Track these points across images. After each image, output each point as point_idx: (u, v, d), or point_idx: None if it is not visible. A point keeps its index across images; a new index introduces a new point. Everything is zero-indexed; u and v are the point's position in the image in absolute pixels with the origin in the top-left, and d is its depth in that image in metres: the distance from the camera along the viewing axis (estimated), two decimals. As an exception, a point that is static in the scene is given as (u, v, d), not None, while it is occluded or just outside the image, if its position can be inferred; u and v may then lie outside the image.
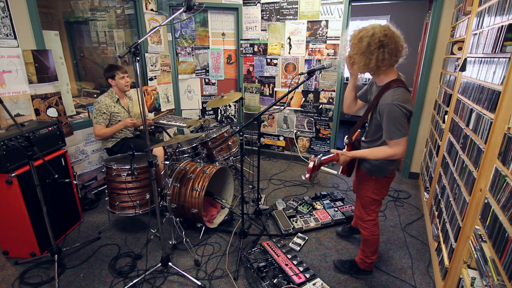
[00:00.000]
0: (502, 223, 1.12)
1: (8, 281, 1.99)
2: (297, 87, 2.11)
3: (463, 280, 1.44)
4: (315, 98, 3.89)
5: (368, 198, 1.83)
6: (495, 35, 1.49)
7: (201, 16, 4.01)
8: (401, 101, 1.48)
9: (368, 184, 1.81)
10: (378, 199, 1.83)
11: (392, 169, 1.75)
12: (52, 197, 2.24)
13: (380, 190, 1.80)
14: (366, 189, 1.82)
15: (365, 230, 1.91)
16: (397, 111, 1.47)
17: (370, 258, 1.99)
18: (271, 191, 3.32)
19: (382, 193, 1.81)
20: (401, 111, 1.47)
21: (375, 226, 1.89)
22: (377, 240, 1.93)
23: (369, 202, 1.84)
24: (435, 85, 3.26)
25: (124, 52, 1.55)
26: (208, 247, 2.35)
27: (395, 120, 1.48)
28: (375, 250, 1.97)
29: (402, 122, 1.48)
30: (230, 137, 2.96)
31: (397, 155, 1.54)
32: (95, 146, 3.09)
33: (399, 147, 1.52)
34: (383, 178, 1.76)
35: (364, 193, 1.84)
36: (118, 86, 2.70)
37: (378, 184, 1.78)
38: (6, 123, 2.24)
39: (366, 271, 2.06)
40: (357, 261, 2.06)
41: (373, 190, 1.79)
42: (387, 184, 1.81)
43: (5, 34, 2.21)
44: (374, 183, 1.78)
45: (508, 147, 1.18)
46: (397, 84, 1.54)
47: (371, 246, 1.94)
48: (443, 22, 3.10)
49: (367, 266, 2.04)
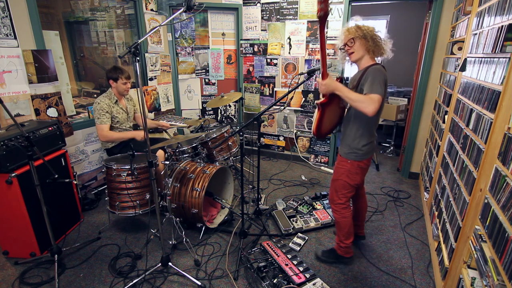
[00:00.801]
0: (502, 223, 1.12)
1: (8, 281, 1.99)
2: (297, 87, 2.11)
3: (463, 280, 1.44)
4: (315, 98, 3.89)
5: (341, 181, 1.97)
6: (495, 35, 1.49)
7: (201, 16, 4.02)
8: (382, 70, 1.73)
9: (344, 168, 1.95)
10: (351, 184, 1.95)
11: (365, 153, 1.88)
12: (52, 197, 2.24)
13: (354, 175, 1.93)
14: (341, 172, 1.96)
15: (336, 213, 2.05)
16: (379, 74, 1.70)
17: (344, 242, 2.08)
18: (271, 191, 3.32)
19: (355, 179, 1.94)
20: (382, 75, 1.70)
21: (344, 210, 2.02)
22: (348, 223, 2.03)
23: (342, 185, 1.97)
24: (435, 85, 3.26)
25: (124, 52, 1.55)
26: (208, 247, 2.35)
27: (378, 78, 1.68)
28: (348, 234, 2.06)
29: (381, 83, 1.68)
30: (230, 137, 2.96)
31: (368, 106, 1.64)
32: (95, 146, 3.09)
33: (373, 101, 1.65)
34: (357, 164, 1.90)
35: (339, 176, 1.98)
36: (119, 89, 2.70)
37: (352, 168, 1.91)
38: (6, 123, 2.24)
39: (345, 257, 2.15)
40: (335, 247, 2.17)
41: (347, 174, 1.93)
42: (361, 172, 1.94)
43: (5, 34, 2.21)
44: (349, 167, 1.92)
45: (508, 147, 1.18)
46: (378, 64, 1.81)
47: (342, 229, 2.06)
48: (443, 22, 3.10)
49: (344, 251, 2.12)
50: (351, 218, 2.04)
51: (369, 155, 1.92)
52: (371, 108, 1.61)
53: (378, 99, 1.63)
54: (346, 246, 2.09)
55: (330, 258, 2.19)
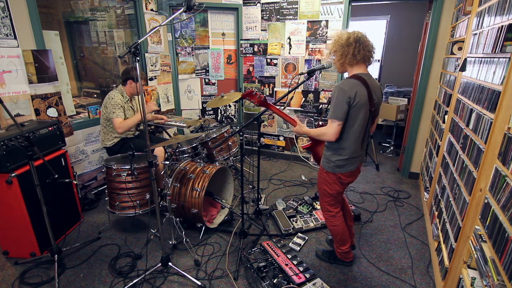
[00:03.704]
0: (502, 223, 1.12)
1: (8, 281, 1.99)
2: (297, 87, 2.12)
3: (463, 280, 1.44)
4: (315, 98, 3.89)
5: (322, 190, 1.99)
6: (495, 35, 1.49)
7: (201, 16, 4.02)
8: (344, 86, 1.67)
9: (321, 177, 1.97)
10: (331, 193, 1.95)
11: (338, 167, 1.84)
12: (52, 197, 2.24)
13: (332, 185, 1.92)
14: (320, 181, 1.98)
15: (326, 220, 2.07)
16: (339, 95, 1.67)
17: (339, 248, 2.10)
18: (271, 191, 3.32)
19: (334, 188, 1.92)
20: (342, 95, 1.66)
21: (333, 218, 2.02)
22: (339, 231, 2.03)
23: (324, 194, 1.99)
24: (435, 85, 3.26)
25: (124, 52, 1.55)
26: (208, 247, 2.35)
27: (336, 102, 1.69)
28: (341, 241, 2.07)
29: (340, 105, 1.66)
30: (230, 137, 2.96)
31: (325, 134, 1.73)
32: (95, 146, 3.09)
33: (329, 128, 1.71)
34: (333, 174, 1.88)
35: (319, 184, 2.01)
36: (133, 91, 2.73)
37: (329, 178, 1.91)
38: (6, 123, 2.24)
39: (343, 261, 2.15)
40: (335, 250, 2.18)
41: (325, 183, 1.94)
42: (339, 182, 1.90)
43: (5, 34, 2.21)
44: (325, 176, 1.93)
45: (508, 147, 1.18)
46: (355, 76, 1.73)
47: (334, 236, 2.07)
48: (443, 22, 3.09)
49: (341, 256, 2.13)
50: (342, 226, 2.02)
51: (343, 170, 1.84)
52: (328, 136, 1.73)
53: (334, 125, 1.69)
54: (343, 251, 2.10)
55: (330, 260, 2.19)
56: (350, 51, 1.70)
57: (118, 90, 2.70)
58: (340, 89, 1.67)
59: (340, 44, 1.73)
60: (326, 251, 2.24)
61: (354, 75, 1.74)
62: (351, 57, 1.71)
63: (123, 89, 2.73)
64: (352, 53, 1.70)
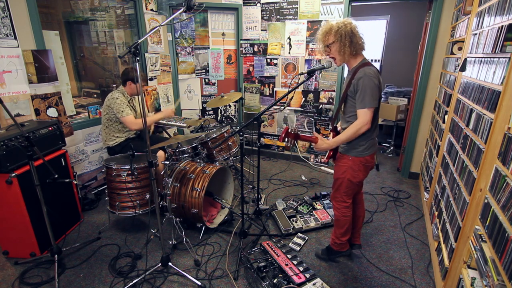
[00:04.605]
0: (502, 223, 1.12)
1: (8, 281, 1.99)
2: (297, 87, 2.11)
3: (463, 280, 1.44)
4: (315, 98, 3.89)
5: (343, 179, 1.92)
6: (495, 35, 1.49)
7: (201, 16, 4.02)
8: (370, 74, 1.70)
9: (345, 165, 1.89)
10: (352, 181, 1.90)
11: (366, 149, 1.83)
12: (52, 197, 2.24)
13: (356, 172, 1.87)
14: (343, 170, 1.91)
15: (337, 210, 2.02)
16: (369, 82, 1.68)
17: (340, 239, 2.10)
18: (271, 191, 3.32)
19: (358, 176, 1.88)
20: (372, 82, 1.68)
21: (346, 209, 1.99)
22: (348, 221, 2.02)
23: (345, 184, 1.92)
24: (435, 85, 3.26)
25: (124, 52, 1.55)
26: (208, 247, 2.35)
27: (368, 90, 1.68)
28: (346, 232, 2.07)
29: (372, 93, 1.68)
30: (230, 137, 2.96)
31: (364, 125, 1.72)
32: (95, 146, 3.09)
33: (366, 117, 1.70)
34: (359, 160, 1.85)
35: (341, 174, 1.92)
36: (133, 92, 2.73)
37: (355, 165, 1.86)
38: (6, 123, 2.24)
39: (340, 251, 2.17)
40: (330, 244, 2.18)
41: (350, 171, 1.88)
42: (364, 169, 1.88)
43: (5, 34, 2.21)
44: (350, 164, 1.87)
45: (508, 147, 1.18)
46: (367, 64, 1.77)
47: (341, 227, 2.05)
48: (443, 22, 3.10)
49: (339, 247, 2.14)
50: (351, 217, 2.03)
51: (370, 152, 1.86)
52: (366, 126, 1.72)
53: (369, 113, 1.70)
54: (342, 242, 2.11)
55: (329, 256, 2.20)
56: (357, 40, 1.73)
57: (119, 91, 2.70)
58: (369, 77, 1.69)
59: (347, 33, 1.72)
60: (324, 250, 2.25)
61: (366, 62, 1.78)
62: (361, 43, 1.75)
63: (123, 90, 2.73)
64: (357, 42, 1.74)
